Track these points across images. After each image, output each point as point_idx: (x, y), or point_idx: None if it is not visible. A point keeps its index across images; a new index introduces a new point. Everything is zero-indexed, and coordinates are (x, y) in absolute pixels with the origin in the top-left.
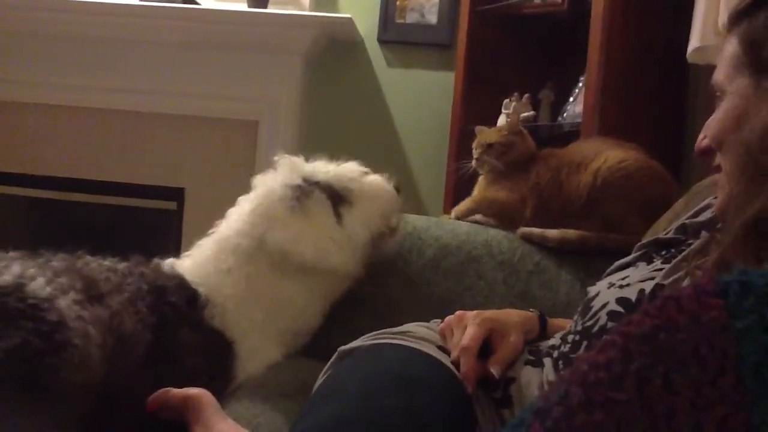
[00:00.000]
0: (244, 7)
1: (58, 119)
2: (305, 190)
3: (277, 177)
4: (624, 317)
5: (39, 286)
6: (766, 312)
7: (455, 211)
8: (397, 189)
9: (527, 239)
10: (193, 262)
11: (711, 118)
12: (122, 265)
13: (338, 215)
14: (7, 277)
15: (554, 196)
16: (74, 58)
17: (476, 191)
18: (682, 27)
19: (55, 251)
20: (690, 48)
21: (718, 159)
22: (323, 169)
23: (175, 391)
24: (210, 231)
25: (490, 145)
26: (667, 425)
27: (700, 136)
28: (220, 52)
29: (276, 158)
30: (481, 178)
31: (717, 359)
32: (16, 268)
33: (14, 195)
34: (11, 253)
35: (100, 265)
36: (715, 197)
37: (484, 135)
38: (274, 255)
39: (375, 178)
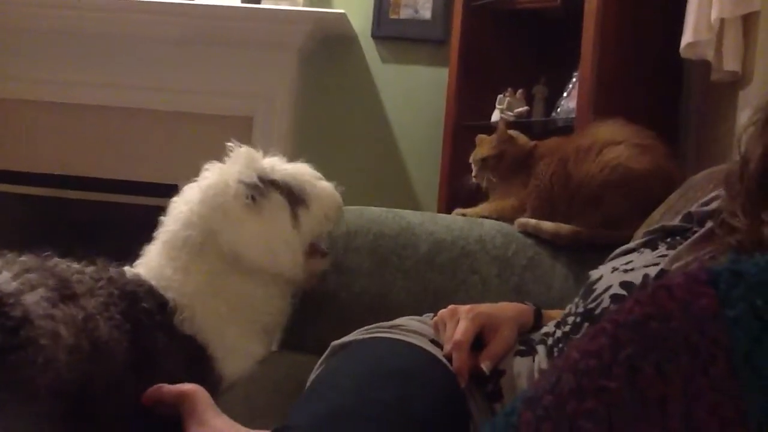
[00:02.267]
0: (238, 2)
1: (52, 116)
2: (262, 190)
3: (232, 169)
4: None
5: (4, 280)
6: (757, 300)
7: (466, 212)
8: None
9: (523, 230)
10: (147, 268)
11: None
12: (90, 269)
13: (295, 217)
14: None
15: (561, 189)
16: (67, 54)
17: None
18: (675, 22)
19: (48, 248)
20: (683, 43)
21: None
22: (280, 166)
23: (170, 387)
24: (156, 232)
25: (484, 160)
26: (658, 413)
27: None
28: (214, 48)
29: (229, 146)
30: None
31: (708, 347)
32: None
33: (7, 192)
34: None
35: (70, 267)
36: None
37: (479, 149)
38: (226, 254)
39: (327, 185)
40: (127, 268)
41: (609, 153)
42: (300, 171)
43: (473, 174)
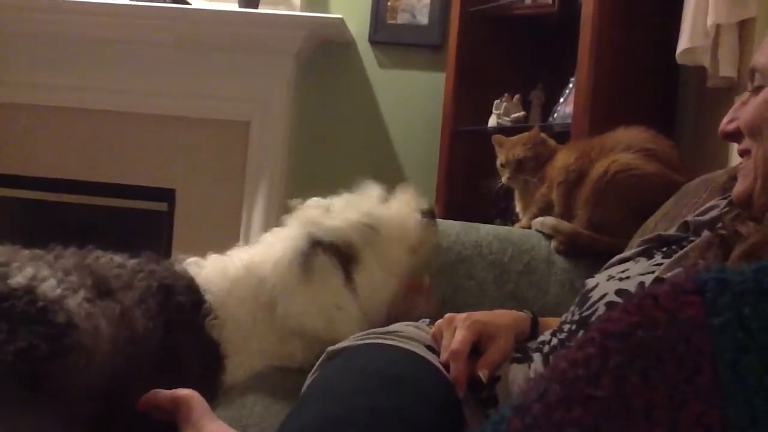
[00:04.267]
0: (235, 7)
1: (48, 120)
2: (308, 255)
3: (293, 231)
4: None
5: (50, 287)
6: (743, 309)
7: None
8: (431, 212)
9: (536, 226)
10: (213, 271)
11: (742, 102)
12: (132, 262)
13: (348, 274)
14: (20, 279)
15: (581, 178)
16: (64, 58)
17: (522, 198)
18: (671, 28)
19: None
20: (679, 49)
21: (746, 144)
22: (331, 222)
23: (165, 393)
24: (254, 243)
25: (519, 162)
26: (644, 421)
27: (726, 118)
28: (211, 52)
29: (295, 204)
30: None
31: (694, 356)
32: (29, 270)
33: (4, 196)
34: (24, 252)
35: (111, 261)
36: (724, 197)
37: (511, 150)
38: (287, 323)
39: (393, 213)
40: (192, 260)
41: (615, 155)
42: (353, 219)
43: (507, 176)
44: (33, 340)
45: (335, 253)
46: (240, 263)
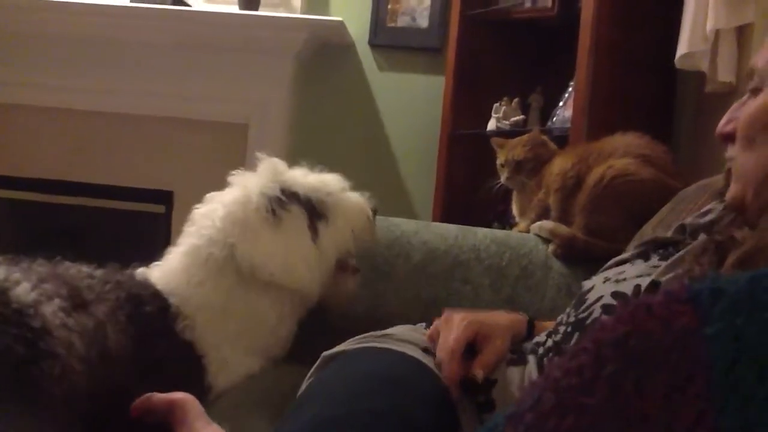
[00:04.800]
0: (235, 9)
1: (46, 121)
2: (282, 203)
3: (255, 181)
4: None
5: (24, 291)
6: (736, 319)
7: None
8: (374, 211)
9: (533, 230)
10: (162, 273)
11: (741, 104)
12: (99, 273)
13: (314, 231)
14: None
15: (578, 185)
16: (62, 59)
17: (519, 200)
18: (670, 33)
19: (41, 255)
20: (678, 54)
21: (735, 150)
22: (303, 179)
23: (159, 396)
24: (180, 236)
25: (518, 163)
26: (637, 429)
27: (724, 119)
28: (210, 54)
29: (258, 157)
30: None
31: (687, 365)
32: (0, 272)
33: (1, 197)
34: None
35: (80, 272)
36: (720, 201)
37: (511, 151)
38: (243, 267)
39: (354, 196)
40: (139, 270)
41: (612, 161)
42: (324, 183)
43: (506, 176)
44: (9, 343)
45: (307, 208)
46: (180, 248)
